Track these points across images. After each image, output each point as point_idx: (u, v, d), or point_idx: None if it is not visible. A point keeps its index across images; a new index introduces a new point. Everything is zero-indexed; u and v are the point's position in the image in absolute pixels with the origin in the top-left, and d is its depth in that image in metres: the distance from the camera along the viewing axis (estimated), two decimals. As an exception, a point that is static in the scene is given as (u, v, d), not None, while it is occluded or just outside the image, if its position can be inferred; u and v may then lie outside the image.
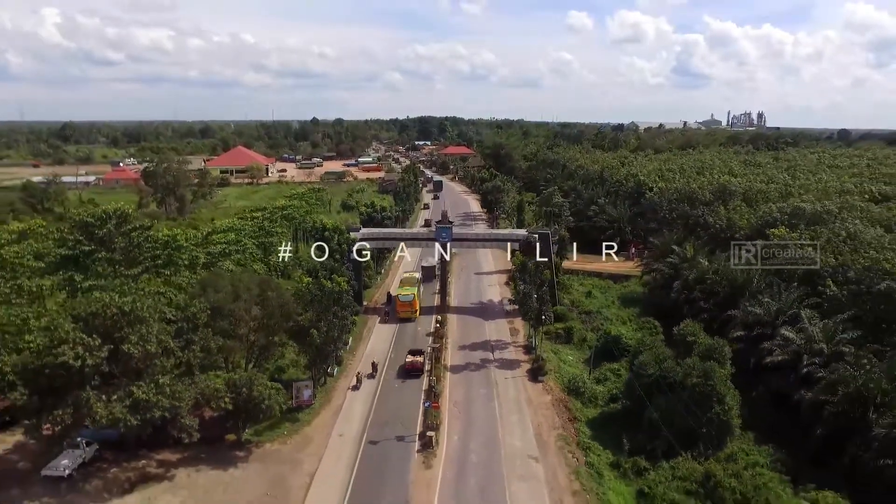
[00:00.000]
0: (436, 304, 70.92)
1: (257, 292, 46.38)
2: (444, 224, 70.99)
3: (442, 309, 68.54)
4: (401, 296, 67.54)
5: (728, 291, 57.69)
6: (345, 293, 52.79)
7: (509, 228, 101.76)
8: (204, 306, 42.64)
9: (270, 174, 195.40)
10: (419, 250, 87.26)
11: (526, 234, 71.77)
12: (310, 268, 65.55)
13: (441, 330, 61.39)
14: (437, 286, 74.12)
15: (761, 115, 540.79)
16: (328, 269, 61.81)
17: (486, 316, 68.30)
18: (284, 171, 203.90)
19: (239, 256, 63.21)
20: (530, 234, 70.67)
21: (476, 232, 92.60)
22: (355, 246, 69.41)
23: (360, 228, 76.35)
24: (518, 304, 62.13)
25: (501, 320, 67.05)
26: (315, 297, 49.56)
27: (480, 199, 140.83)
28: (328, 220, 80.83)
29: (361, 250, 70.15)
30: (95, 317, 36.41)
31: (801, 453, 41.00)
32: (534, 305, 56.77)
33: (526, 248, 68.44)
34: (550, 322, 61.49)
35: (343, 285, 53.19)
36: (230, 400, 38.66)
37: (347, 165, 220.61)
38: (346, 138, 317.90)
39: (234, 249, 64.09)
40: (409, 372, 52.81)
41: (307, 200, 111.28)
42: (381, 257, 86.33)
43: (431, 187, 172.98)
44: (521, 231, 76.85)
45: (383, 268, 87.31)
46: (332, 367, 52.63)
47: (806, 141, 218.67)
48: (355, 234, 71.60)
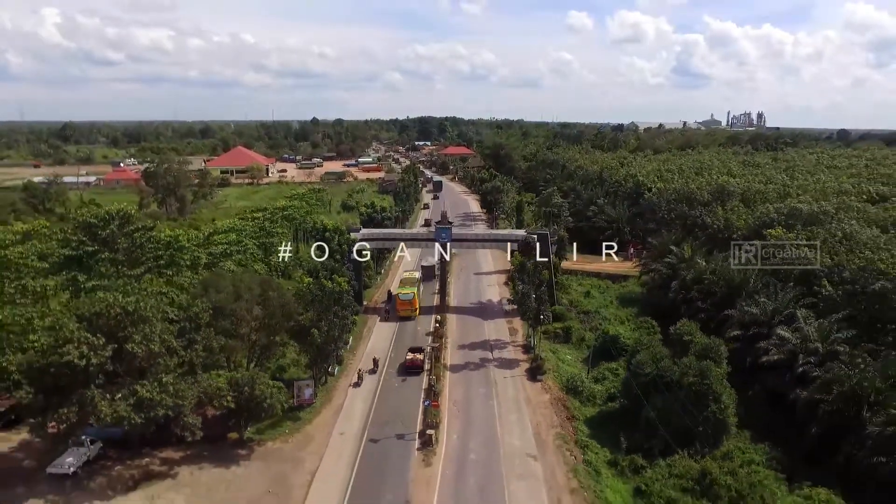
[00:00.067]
0: (435, 304, 71.37)
1: (258, 292, 46.84)
2: (444, 224, 71.48)
3: (441, 309, 69.00)
4: (401, 294, 68.14)
5: (725, 291, 58.17)
6: (345, 293, 53.23)
7: (508, 229, 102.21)
8: (206, 306, 43.07)
9: (271, 174, 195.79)
10: (419, 250, 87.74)
11: (525, 235, 72.19)
12: (310, 268, 66.00)
13: (441, 329, 61.83)
14: (436, 286, 74.60)
15: (761, 116, 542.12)
16: (329, 269, 62.22)
17: (486, 316, 68.73)
18: (285, 171, 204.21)
19: (240, 257, 63.65)
20: (529, 235, 71.08)
21: (475, 232, 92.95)
22: (355, 246, 69.87)
23: (361, 229, 76.77)
24: (517, 304, 62.58)
25: (500, 320, 67.47)
26: (316, 296, 50.05)
27: (480, 199, 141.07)
28: (328, 221, 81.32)
29: (361, 250, 70.61)
30: (99, 316, 36.90)
31: (796, 451, 41.48)
32: (532, 305, 57.23)
33: (525, 249, 68.85)
34: (549, 322, 61.98)
35: (343, 285, 53.61)
36: (232, 399, 39.14)
37: (347, 166, 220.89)
38: (346, 138, 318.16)
39: (236, 250, 64.50)
40: (409, 369, 53.43)
41: (307, 201, 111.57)
42: (381, 257, 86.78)
43: (431, 187, 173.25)
44: (520, 231, 77.22)
45: (383, 268, 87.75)
46: (333, 366, 53.13)
47: (805, 141, 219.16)
48: (355, 235, 72.02)
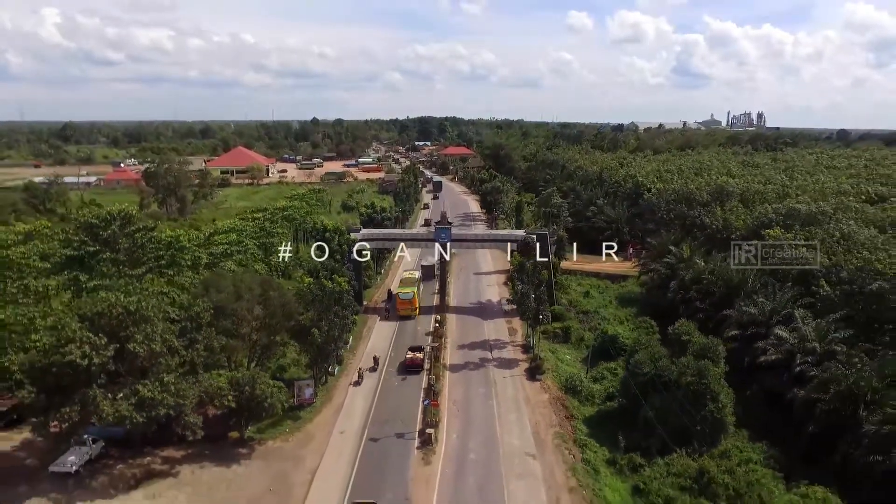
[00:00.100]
0: (435, 304, 71.65)
1: (259, 292, 47.12)
2: (444, 225, 71.77)
3: (441, 309, 69.26)
4: (401, 294, 68.63)
5: (723, 291, 58.40)
6: (345, 293, 53.50)
7: (508, 229, 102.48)
8: (207, 306, 43.35)
9: (271, 175, 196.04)
10: (419, 250, 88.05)
11: (524, 235, 72.45)
12: (311, 268, 66.27)
13: (440, 329, 62.08)
14: (436, 285, 74.87)
15: (761, 116, 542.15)
16: (329, 269, 62.49)
17: (485, 316, 68.99)
18: (285, 171, 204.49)
19: (240, 257, 63.93)
20: (528, 235, 71.31)
21: (475, 232, 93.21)
22: (355, 246, 70.19)
23: (361, 229, 77.05)
24: (516, 304, 62.88)
25: (500, 320, 67.72)
26: (316, 296, 50.35)
27: (480, 199, 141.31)
28: (329, 221, 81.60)
29: (361, 251, 70.92)
30: (101, 316, 37.19)
31: (793, 450, 41.66)
32: (531, 305, 57.46)
33: (524, 249, 69.11)
34: (548, 322, 62.22)
35: (344, 285, 53.88)
36: (233, 398, 39.46)
37: (347, 166, 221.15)
38: (347, 139, 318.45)
39: (236, 250, 64.78)
40: (409, 368, 53.86)
41: (308, 201, 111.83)
42: (381, 257, 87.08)
43: (431, 188, 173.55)
44: (520, 232, 77.47)
45: (383, 268, 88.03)
46: (333, 365, 53.40)
47: (805, 141, 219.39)
48: (355, 235, 72.31)
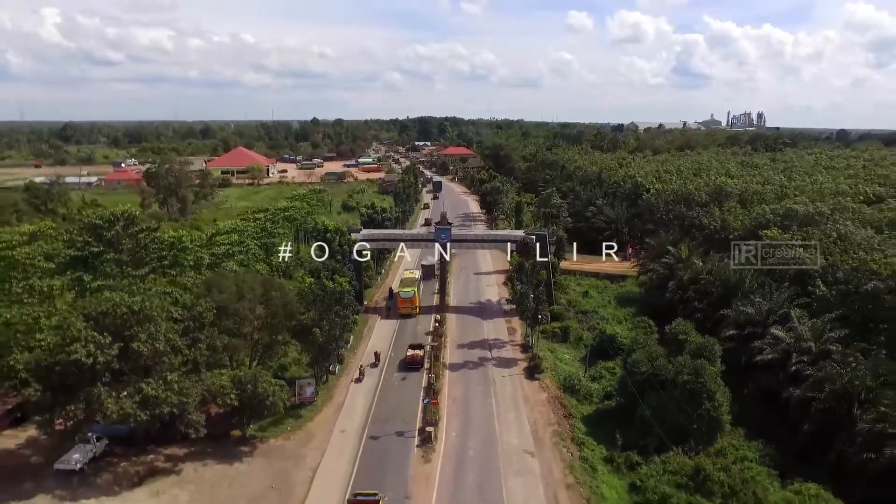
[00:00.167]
0: (435, 304, 72.17)
1: (261, 292, 47.61)
2: (443, 225, 72.30)
3: (441, 308, 69.78)
4: (402, 293, 69.55)
5: (721, 291, 58.80)
6: (346, 293, 54.00)
7: (507, 229, 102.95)
8: (210, 306, 43.83)
9: (271, 175, 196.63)
10: (419, 250, 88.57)
11: (523, 235, 72.94)
12: (312, 268, 66.79)
13: (440, 329, 62.59)
14: (436, 285, 75.39)
15: (761, 116, 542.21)
16: (330, 269, 63.04)
17: (485, 315, 69.52)
18: (285, 171, 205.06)
19: (242, 257, 64.39)
20: (528, 236, 71.78)
21: (474, 233, 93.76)
22: (356, 246, 70.78)
23: (361, 230, 77.60)
24: (515, 304, 63.38)
25: (499, 319, 68.26)
26: (317, 296, 50.86)
27: (479, 199, 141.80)
28: (330, 222, 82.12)
29: (362, 251, 71.49)
30: (106, 316, 37.70)
31: (789, 449, 42.02)
32: (530, 305, 57.94)
33: (523, 250, 69.59)
34: (547, 321, 62.75)
35: (344, 285, 54.39)
36: (235, 396, 39.93)
37: (348, 166, 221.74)
38: (347, 139, 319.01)
39: (238, 250, 65.26)
40: (410, 365, 54.73)
41: (308, 202, 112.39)
42: (382, 258, 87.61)
43: (431, 188, 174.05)
44: (519, 232, 77.99)
45: (383, 268, 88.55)
46: (334, 364, 53.92)
47: (804, 142, 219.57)
48: (356, 236, 72.86)
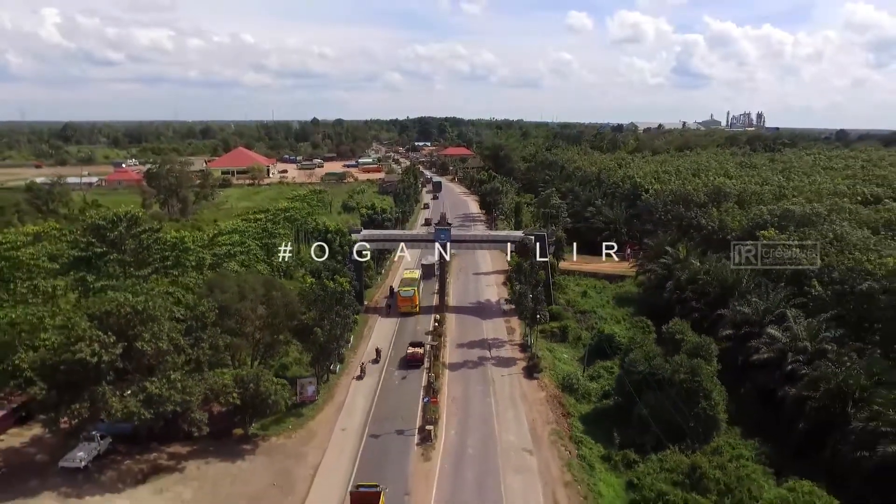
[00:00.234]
0: (435, 304, 72.70)
1: (263, 292, 48.18)
2: (443, 226, 72.83)
3: (441, 308, 70.29)
4: (402, 291, 70.45)
5: (718, 291, 59.31)
6: (346, 293, 54.57)
7: (507, 230, 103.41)
8: (212, 305, 44.38)
9: (271, 175, 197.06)
10: (419, 250, 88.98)
11: (522, 236, 73.44)
12: (313, 268, 67.33)
13: (440, 328, 63.10)
14: (436, 285, 75.88)
15: (761, 116, 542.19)
16: (331, 269, 63.58)
17: (484, 315, 70.04)
18: (285, 172, 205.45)
19: (243, 258, 64.83)
20: (527, 236, 72.27)
21: (474, 233, 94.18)
22: (356, 246, 71.35)
23: (361, 230, 78.17)
24: (514, 304, 63.90)
25: (498, 319, 68.77)
26: (318, 296, 51.40)
27: (479, 200, 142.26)
28: (330, 223, 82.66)
29: (362, 250, 72.05)
30: (110, 315, 38.25)
31: (786, 447, 42.49)
32: (529, 305, 58.45)
33: (522, 250, 70.11)
34: (546, 321, 63.17)
35: (345, 285, 54.95)
36: (238, 395, 40.46)
37: (348, 166, 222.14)
38: (347, 139, 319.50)
39: (239, 251, 65.74)
40: (410, 362, 55.47)
41: (309, 202, 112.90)
42: (382, 258, 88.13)
43: (431, 188, 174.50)
44: (518, 233, 78.50)
45: (383, 268, 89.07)
46: (335, 364, 54.44)
47: (803, 142, 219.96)
48: (356, 236, 73.41)
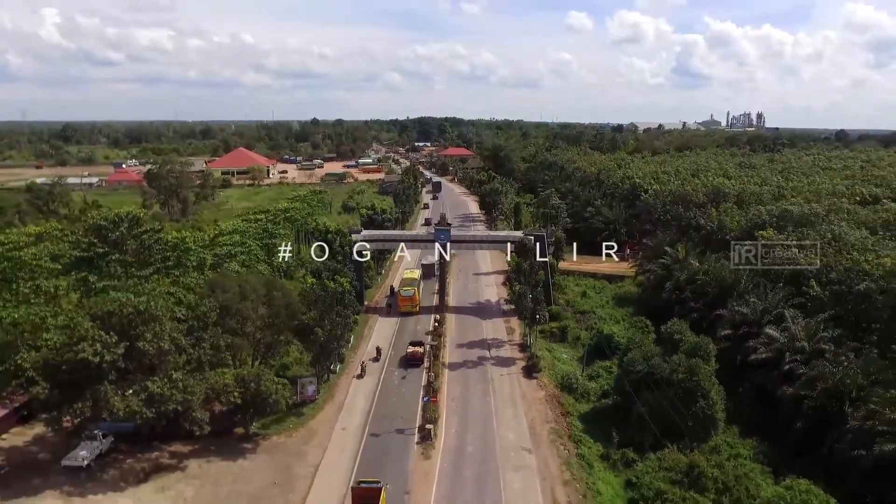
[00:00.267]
0: (435, 304, 72.97)
1: (263, 292, 48.49)
2: (443, 226, 73.12)
3: (441, 308, 70.56)
4: (402, 291, 71.03)
5: (717, 292, 59.61)
6: (347, 293, 54.92)
7: (507, 230, 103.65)
8: (213, 305, 44.70)
9: (271, 176, 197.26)
10: (419, 250, 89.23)
11: (522, 236, 73.70)
12: (313, 269, 67.61)
13: (440, 328, 63.38)
14: (436, 284, 76.15)
15: (760, 116, 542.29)
16: (331, 269, 63.88)
17: (484, 315, 70.31)
18: (285, 172, 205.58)
19: (244, 258, 65.14)
20: (526, 236, 72.53)
21: (473, 234, 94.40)
22: (356, 247, 71.67)
23: (361, 230, 78.47)
24: (514, 304, 64.16)
25: (498, 319, 69.04)
26: (319, 296, 51.69)
27: (479, 200, 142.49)
28: (330, 223, 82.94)
29: (362, 250, 72.37)
30: (112, 315, 38.55)
31: (784, 446, 42.81)
32: (529, 305, 58.72)
33: (521, 250, 70.38)
34: (545, 321, 63.42)
35: (345, 285, 55.28)
36: (239, 395, 40.74)
37: (348, 167, 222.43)
38: (347, 139, 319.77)
39: (240, 251, 66.02)
40: (410, 361, 55.93)
41: (309, 202, 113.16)
42: (382, 258, 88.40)
43: (431, 188, 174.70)
44: (518, 233, 78.76)
45: (384, 268, 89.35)
46: (335, 363, 54.70)
47: (803, 142, 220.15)
48: (356, 237, 73.70)
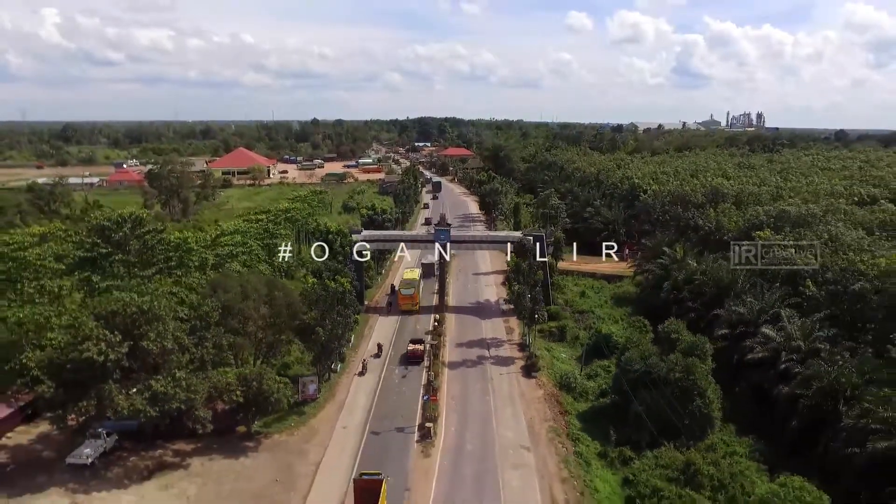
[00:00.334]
0: (434, 304, 73.47)
1: (265, 292, 48.96)
2: (443, 226, 73.63)
3: (440, 308, 71.04)
4: (402, 290, 71.93)
5: (714, 291, 60.09)
6: (347, 293, 55.43)
7: (506, 230, 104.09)
8: (215, 305, 45.19)
9: (272, 176, 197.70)
10: (419, 250, 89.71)
11: (521, 237, 74.17)
12: (314, 269, 68.10)
13: (440, 328, 63.87)
14: (436, 284, 76.64)
15: (760, 116, 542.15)
16: (332, 269, 64.37)
17: (483, 315, 70.82)
18: (286, 172, 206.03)
19: (245, 258, 65.68)
20: (525, 237, 72.99)
21: (473, 234, 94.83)
22: (356, 247, 72.19)
23: (362, 231, 78.96)
24: (513, 304, 64.66)
25: (497, 319, 69.55)
26: (320, 296, 52.17)
27: (479, 200, 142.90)
28: (331, 223, 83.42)
29: (362, 250, 72.88)
30: (116, 315, 39.07)
31: (780, 444, 43.28)
32: (528, 305, 59.22)
33: (520, 250, 70.87)
34: (544, 321, 63.92)
35: (346, 285, 55.79)
36: (241, 393, 41.23)
37: (348, 167, 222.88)
38: (347, 139, 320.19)
39: (241, 251, 66.56)
40: (411, 359, 56.90)
41: (309, 203, 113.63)
42: (382, 258, 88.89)
43: (431, 188, 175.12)
44: (517, 233, 79.23)
45: (384, 268, 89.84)
46: (336, 363, 55.22)
47: (802, 142, 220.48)
48: (356, 237, 74.19)
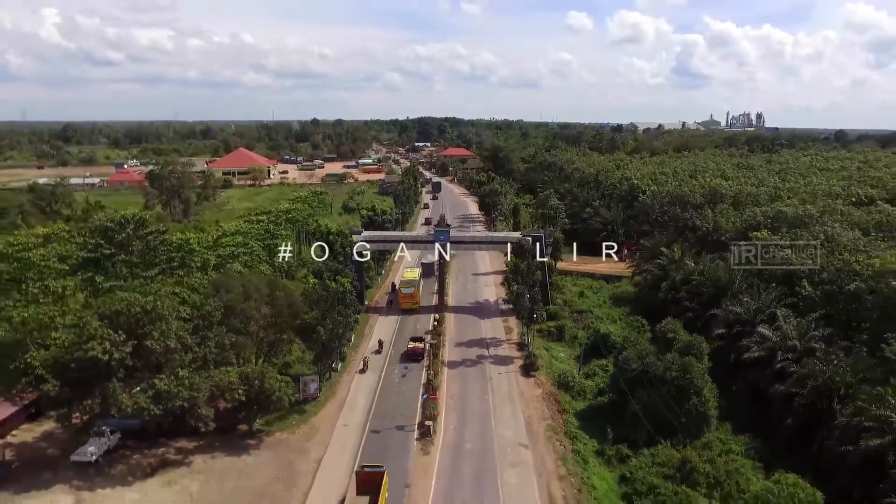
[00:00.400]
0: (434, 304, 74.00)
1: (266, 292, 49.53)
2: (442, 227, 74.14)
3: (440, 308, 71.55)
4: (403, 289, 72.78)
5: (712, 291, 60.66)
6: (348, 293, 56.01)
7: (506, 230, 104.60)
8: (218, 305, 45.74)
9: (272, 176, 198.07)
10: (419, 250, 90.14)
11: (520, 237, 74.68)
12: (315, 269, 68.62)
13: (439, 327, 64.39)
14: (436, 284, 77.15)
15: (760, 116, 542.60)
16: (332, 270, 64.93)
17: (482, 315, 71.34)
18: (286, 172, 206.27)
19: (246, 258, 66.16)
20: (524, 237, 73.52)
21: (473, 234, 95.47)
22: (356, 247, 72.73)
23: (362, 231, 79.51)
24: (512, 304, 65.16)
25: (496, 319, 70.07)
26: (321, 296, 52.72)
27: (478, 201, 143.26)
28: (332, 224, 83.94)
29: (362, 251, 73.42)
30: (120, 315, 39.66)
31: (776, 443, 43.82)
32: (526, 305, 59.73)
33: (519, 251, 71.38)
34: (543, 321, 64.41)
35: (346, 285, 56.38)
36: (243, 392, 41.76)
37: (348, 167, 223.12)
38: (347, 140, 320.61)
39: (242, 252, 67.04)
40: (411, 356, 57.65)
41: (310, 203, 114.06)
42: (382, 258, 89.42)
43: (430, 188, 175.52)
44: (517, 234, 79.74)
45: (384, 268, 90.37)
46: (337, 362, 55.76)
47: (801, 143, 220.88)
48: (356, 237, 74.73)
